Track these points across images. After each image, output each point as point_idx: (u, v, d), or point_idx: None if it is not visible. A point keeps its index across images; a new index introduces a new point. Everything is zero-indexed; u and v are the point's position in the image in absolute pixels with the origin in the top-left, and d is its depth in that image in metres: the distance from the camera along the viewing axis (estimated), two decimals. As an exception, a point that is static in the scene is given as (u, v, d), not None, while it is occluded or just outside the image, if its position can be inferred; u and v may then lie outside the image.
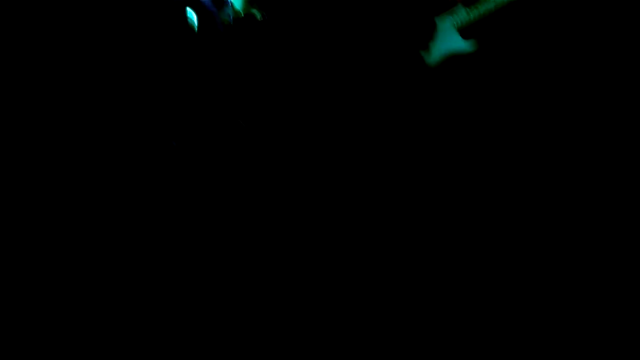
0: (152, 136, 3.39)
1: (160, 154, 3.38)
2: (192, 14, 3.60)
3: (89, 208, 3.32)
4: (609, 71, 2.96)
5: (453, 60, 2.99)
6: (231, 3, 3.64)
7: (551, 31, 2.96)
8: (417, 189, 3.17)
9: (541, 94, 3.00)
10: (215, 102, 3.50)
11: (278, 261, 3.31)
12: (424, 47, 3.02)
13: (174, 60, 3.50)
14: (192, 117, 3.53)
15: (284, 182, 3.42)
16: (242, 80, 3.59)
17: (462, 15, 2.93)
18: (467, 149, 3.08)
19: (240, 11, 3.79)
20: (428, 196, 3.13)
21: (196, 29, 3.61)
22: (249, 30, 3.62)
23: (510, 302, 2.87)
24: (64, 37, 3.34)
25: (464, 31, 2.95)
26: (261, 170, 3.49)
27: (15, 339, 2.99)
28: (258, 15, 3.76)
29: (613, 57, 2.94)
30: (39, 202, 3.30)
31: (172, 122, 3.46)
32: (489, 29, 2.94)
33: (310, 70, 3.45)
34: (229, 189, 3.53)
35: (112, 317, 3.09)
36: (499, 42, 2.96)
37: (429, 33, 3.02)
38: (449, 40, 2.97)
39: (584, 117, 3.01)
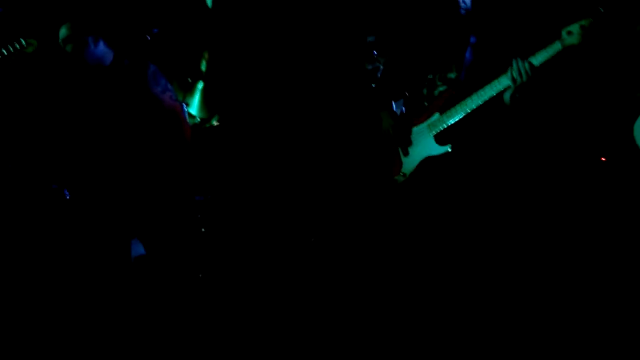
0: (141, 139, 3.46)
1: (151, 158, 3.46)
2: None
3: (88, 208, 3.43)
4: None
5: (430, 162, 3.25)
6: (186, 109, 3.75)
7: (519, 129, 3.27)
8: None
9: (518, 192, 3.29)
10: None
11: (275, 261, 3.38)
12: (404, 153, 3.29)
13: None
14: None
15: (276, 185, 3.48)
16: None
17: (437, 122, 3.22)
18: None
19: (197, 117, 3.94)
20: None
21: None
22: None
23: (510, 301, 2.98)
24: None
25: (439, 137, 3.23)
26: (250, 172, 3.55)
27: (15, 338, 3.03)
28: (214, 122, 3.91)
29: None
30: (38, 202, 3.42)
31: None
32: (461, 133, 3.22)
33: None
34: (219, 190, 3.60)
35: (112, 317, 3.16)
36: (471, 144, 3.25)
37: (407, 138, 3.28)
38: (425, 144, 3.25)
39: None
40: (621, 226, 3.14)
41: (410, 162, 3.30)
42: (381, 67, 3.76)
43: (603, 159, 3.31)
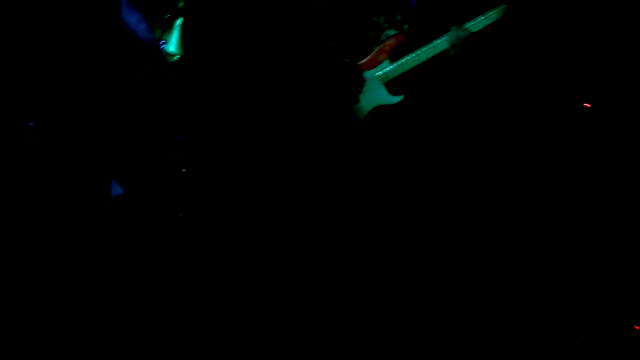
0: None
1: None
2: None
3: (86, 209, 3.47)
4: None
5: (380, 111, 3.18)
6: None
7: (472, 83, 3.14)
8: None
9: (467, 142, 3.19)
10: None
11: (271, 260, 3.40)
12: (354, 100, 3.21)
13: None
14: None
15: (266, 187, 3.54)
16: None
17: (388, 70, 3.11)
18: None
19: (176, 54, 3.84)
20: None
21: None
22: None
23: (509, 301, 3.00)
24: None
25: (390, 85, 3.13)
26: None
27: (15, 338, 3.06)
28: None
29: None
30: (38, 203, 3.44)
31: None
32: (413, 83, 3.12)
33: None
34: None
35: (111, 317, 3.18)
36: (422, 95, 3.15)
37: (358, 86, 3.20)
38: (376, 93, 3.16)
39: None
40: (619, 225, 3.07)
41: (360, 110, 3.22)
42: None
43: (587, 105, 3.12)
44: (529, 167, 3.17)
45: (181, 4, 3.99)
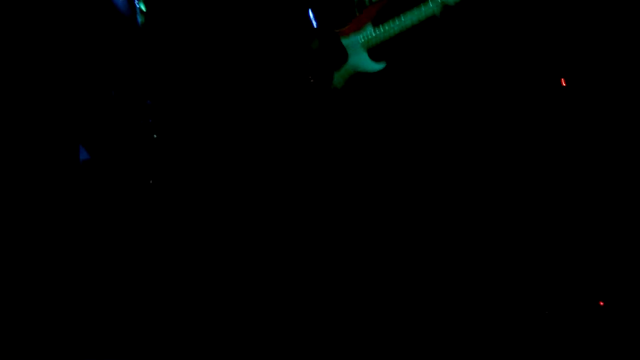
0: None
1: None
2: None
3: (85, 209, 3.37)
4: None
5: (360, 78, 3.05)
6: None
7: (458, 51, 3.01)
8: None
9: (451, 113, 3.07)
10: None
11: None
12: (335, 66, 3.08)
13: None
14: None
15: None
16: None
17: (370, 35, 2.98)
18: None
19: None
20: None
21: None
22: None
23: (509, 301, 2.93)
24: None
25: (372, 51, 3.00)
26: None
27: (15, 338, 3.02)
28: None
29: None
30: (37, 203, 3.32)
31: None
32: (395, 49, 2.99)
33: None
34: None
35: (111, 316, 3.13)
36: (405, 62, 3.02)
37: (339, 52, 3.07)
38: (357, 58, 3.03)
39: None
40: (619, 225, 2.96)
41: (340, 76, 3.09)
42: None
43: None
44: (520, 148, 3.06)
45: None
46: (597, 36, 2.90)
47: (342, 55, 3.06)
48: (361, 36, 3.00)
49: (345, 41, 3.04)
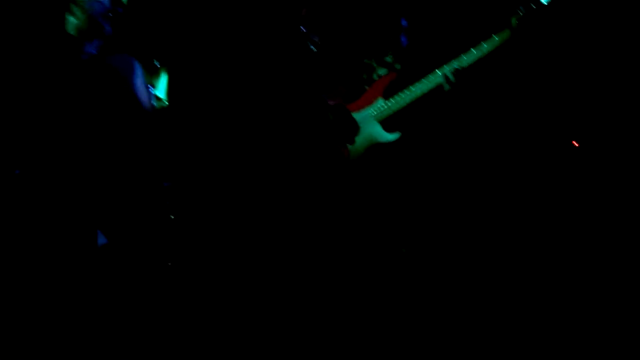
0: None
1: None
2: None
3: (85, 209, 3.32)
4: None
5: (376, 149, 3.12)
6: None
7: (467, 119, 3.10)
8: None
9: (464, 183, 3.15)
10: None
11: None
12: (350, 141, 3.15)
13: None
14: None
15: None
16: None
17: (382, 107, 3.06)
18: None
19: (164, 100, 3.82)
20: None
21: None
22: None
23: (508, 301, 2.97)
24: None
25: (385, 122, 3.08)
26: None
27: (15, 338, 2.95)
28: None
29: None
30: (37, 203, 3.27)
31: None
32: (409, 119, 3.07)
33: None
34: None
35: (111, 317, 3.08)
36: (419, 131, 3.10)
37: (354, 126, 3.14)
38: (371, 131, 3.10)
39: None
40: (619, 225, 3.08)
41: (356, 150, 3.16)
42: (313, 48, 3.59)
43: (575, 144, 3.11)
44: (524, 204, 3.12)
45: None
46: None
47: (354, 129, 3.14)
48: (373, 109, 3.09)
49: (357, 116, 3.11)
